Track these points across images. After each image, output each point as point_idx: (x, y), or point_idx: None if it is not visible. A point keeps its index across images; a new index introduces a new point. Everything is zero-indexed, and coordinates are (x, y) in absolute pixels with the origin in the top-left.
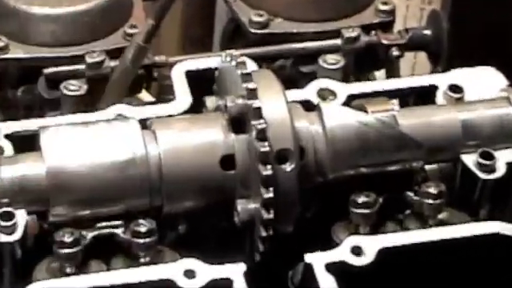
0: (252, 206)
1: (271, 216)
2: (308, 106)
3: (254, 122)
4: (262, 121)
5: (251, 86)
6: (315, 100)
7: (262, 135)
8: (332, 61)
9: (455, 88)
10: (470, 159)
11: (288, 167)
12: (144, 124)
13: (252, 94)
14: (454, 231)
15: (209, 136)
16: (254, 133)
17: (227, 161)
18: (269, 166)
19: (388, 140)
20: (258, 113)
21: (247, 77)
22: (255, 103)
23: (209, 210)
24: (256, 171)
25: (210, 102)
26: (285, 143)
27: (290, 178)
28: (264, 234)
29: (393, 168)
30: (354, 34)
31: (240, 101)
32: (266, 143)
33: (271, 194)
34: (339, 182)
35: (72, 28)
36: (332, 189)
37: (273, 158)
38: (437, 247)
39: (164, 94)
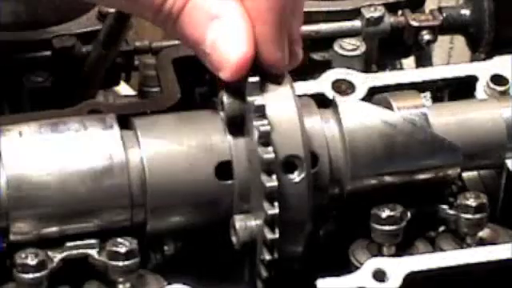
0: (253, 223)
1: (276, 236)
2: (321, 100)
3: (255, 123)
4: (265, 121)
5: (252, 78)
6: (330, 94)
7: (266, 139)
8: (350, 46)
9: (499, 79)
10: None
11: (297, 177)
12: (123, 123)
13: (253, 87)
14: (498, 252)
15: (202, 138)
16: (256, 136)
17: (223, 169)
18: (274, 176)
19: (418, 143)
20: (260, 111)
21: None
22: (257, 100)
23: (201, 228)
24: (258, 181)
25: None
26: (293, 149)
27: (299, 189)
28: (268, 257)
29: (424, 176)
30: (376, 14)
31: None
32: (271, 149)
33: (276, 210)
34: (359, 193)
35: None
36: (350, 201)
37: (278, 166)
38: (476, 272)
39: (147, 86)
